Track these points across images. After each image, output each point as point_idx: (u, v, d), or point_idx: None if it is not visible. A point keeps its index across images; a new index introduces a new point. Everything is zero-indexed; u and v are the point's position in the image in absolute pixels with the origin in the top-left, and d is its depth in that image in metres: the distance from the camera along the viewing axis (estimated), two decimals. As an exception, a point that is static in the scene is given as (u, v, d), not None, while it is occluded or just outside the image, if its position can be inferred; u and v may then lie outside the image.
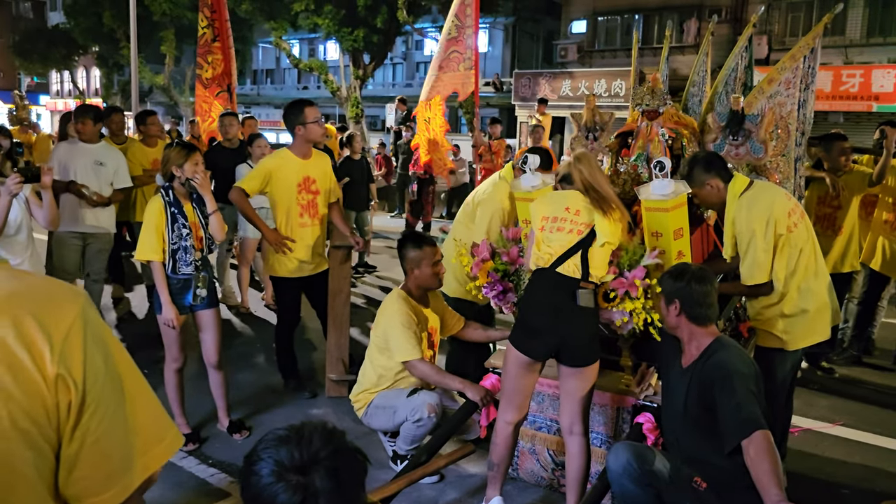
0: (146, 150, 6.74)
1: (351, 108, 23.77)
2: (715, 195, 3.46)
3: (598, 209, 2.97)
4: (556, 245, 3.00)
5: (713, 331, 2.79)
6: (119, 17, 26.92)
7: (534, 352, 3.06)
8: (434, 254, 3.80)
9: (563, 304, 2.97)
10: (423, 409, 3.58)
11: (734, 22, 19.93)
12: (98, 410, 0.88)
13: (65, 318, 0.86)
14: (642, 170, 3.69)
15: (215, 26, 7.23)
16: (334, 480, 1.23)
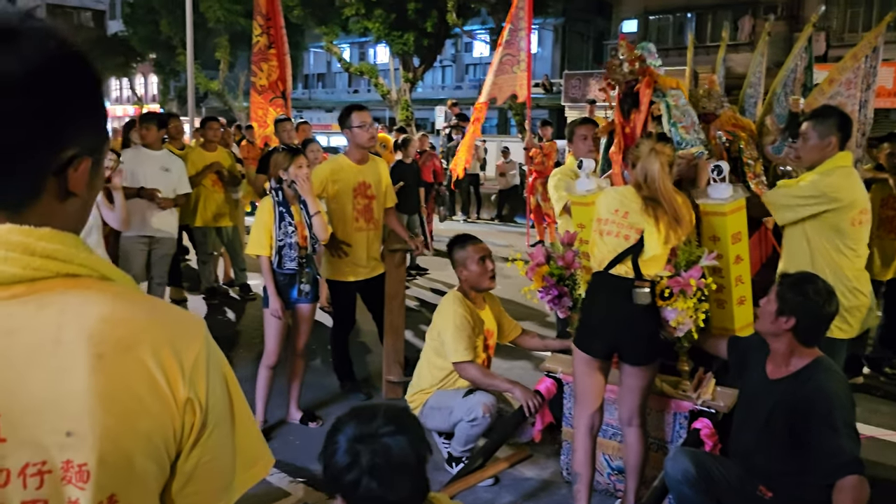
0: (205, 154, 6.97)
1: (401, 111, 23.96)
2: (821, 151, 3.36)
3: (650, 214, 2.94)
4: (606, 249, 3.04)
5: (815, 351, 2.71)
6: (175, 25, 27.64)
7: (596, 351, 3.12)
8: (479, 252, 3.85)
9: (620, 304, 3.01)
10: (478, 409, 3.62)
11: (790, 19, 19.51)
12: (215, 431, 0.94)
13: (193, 345, 0.92)
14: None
15: (270, 33, 7.38)
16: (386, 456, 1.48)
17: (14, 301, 0.84)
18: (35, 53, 0.84)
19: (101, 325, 0.85)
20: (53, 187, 0.88)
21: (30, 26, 0.85)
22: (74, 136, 0.88)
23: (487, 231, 13.06)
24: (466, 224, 13.91)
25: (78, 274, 0.88)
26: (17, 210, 0.86)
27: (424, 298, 7.77)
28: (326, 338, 5.38)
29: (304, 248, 4.20)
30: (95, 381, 0.83)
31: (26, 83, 0.83)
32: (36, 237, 0.85)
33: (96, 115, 0.93)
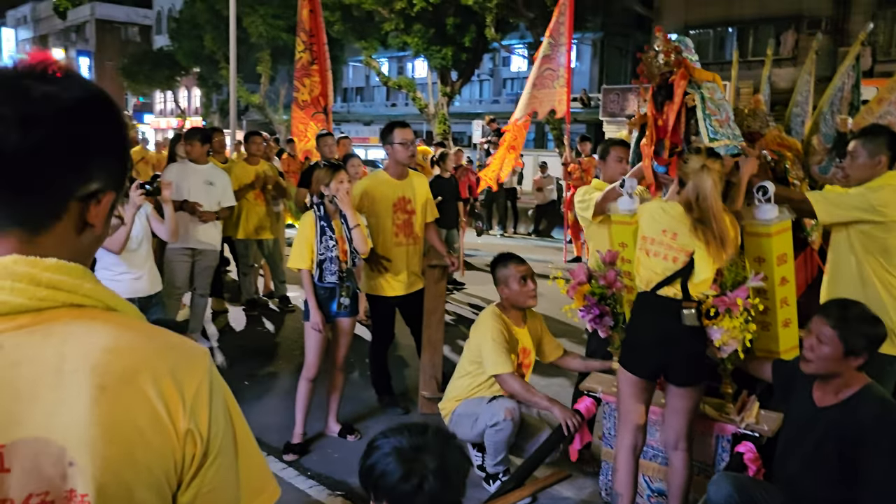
0: (248, 168, 7.11)
1: (438, 125, 24.09)
2: (870, 170, 3.28)
3: (700, 238, 2.89)
4: (653, 270, 3.01)
5: (862, 377, 2.64)
6: (219, 40, 28.18)
7: (643, 371, 3.10)
8: (521, 271, 3.86)
9: (669, 325, 2.99)
10: (500, 413, 3.62)
11: (835, 33, 19.17)
12: (215, 462, 0.94)
13: (195, 375, 0.93)
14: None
15: (313, 50, 7.50)
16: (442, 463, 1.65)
17: (20, 331, 0.85)
18: (77, 89, 0.91)
19: (103, 355, 0.87)
20: (73, 215, 0.92)
21: (69, 68, 0.93)
22: (101, 171, 0.93)
23: (524, 246, 13.05)
24: (503, 238, 13.90)
25: (83, 304, 0.90)
26: (34, 230, 0.89)
27: (462, 314, 7.78)
28: (365, 351, 5.42)
29: (344, 263, 4.26)
30: (97, 411, 0.84)
31: (70, 113, 0.89)
32: (41, 268, 0.87)
33: (121, 155, 0.98)
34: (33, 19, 55.98)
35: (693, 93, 3.33)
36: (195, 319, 6.15)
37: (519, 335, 3.93)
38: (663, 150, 3.45)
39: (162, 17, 47.70)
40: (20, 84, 0.88)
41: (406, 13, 21.46)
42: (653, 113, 3.51)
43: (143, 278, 4.34)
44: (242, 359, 6.04)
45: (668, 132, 3.40)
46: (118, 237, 4.09)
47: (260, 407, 4.98)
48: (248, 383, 5.47)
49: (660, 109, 3.46)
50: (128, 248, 4.22)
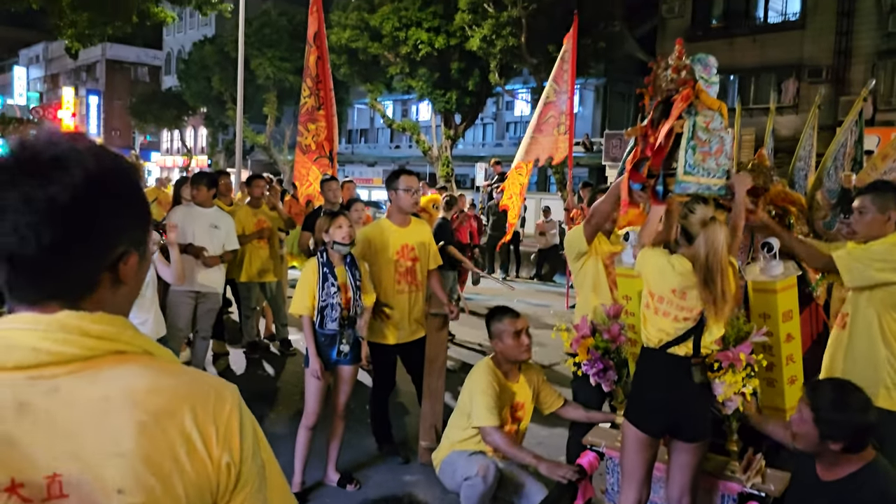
0: (251, 211, 7.16)
1: (441, 167, 24.26)
2: (880, 226, 3.23)
3: (710, 299, 2.83)
4: (662, 329, 2.97)
5: (867, 452, 2.54)
6: (226, 81, 28.62)
7: (652, 429, 3.05)
8: (515, 325, 3.78)
9: (680, 383, 2.96)
10: (473, 468, 3.55)
11: (836, 82, 19.41)
12: (245, 488, 1.05)
13: (226, 409, 1.04)
14: None
15: (320, 95, 7.58)
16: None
17: (73, 376, 0.97)
18: (78, 177, 0.97)
19: (144, 395, 0.98)
20: (107, 280, 1.03)
21: (75, 150, 0.99)
22: (123, 236, 1.04)
23: (526, 290, 13.02)
24: (504, 283, 13.87)
25: (125, 350, 1.00)
26: (73, 302, 1.00)
27: (465, 360, 7.73)
28: (365, 398, 5.37)
29: (346, 310, 4.25)
30: (140, 444, 0.95)
31: (86, 198, 0.97)
32: (90, 321, 0.98)
33: (141, 215, 1.09)
34: (45, 58, 56.86)
35: (685, 119, 3.20)
36: (196, 361, 6.11)
37: (513, 389, 3.86)
38: (643, 167, 3.33)
39: (171, 58, 48.45)
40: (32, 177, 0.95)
41: (411, 58, 21.78)
42: (648, 128, 3.39)
43: (148, 322, 4.32)
44: (242, 403, 5.98)
45: (653, 151, 3.28)
46: None
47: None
48: (247, 429, 5.40)
49: (655, 126, 3.35)
50: (134, 292, 4.22)
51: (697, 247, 2.86)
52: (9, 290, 1.00)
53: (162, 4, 16.00)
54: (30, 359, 0.95)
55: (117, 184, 1.02)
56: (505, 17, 19.45)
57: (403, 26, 21.39)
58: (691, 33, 22.22)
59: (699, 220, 2.88)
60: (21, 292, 1.00)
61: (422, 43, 21.15)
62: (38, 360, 0.95)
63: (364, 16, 22.42)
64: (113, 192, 1.01)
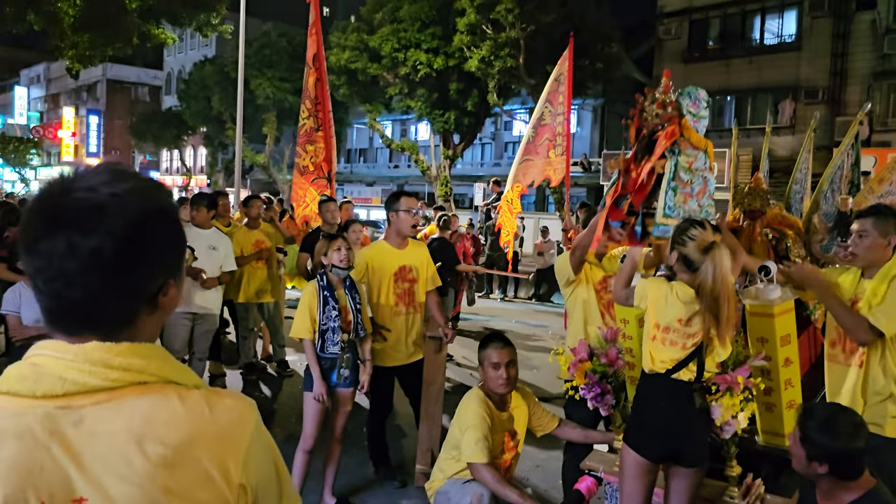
0: (249, 232, 7.16)
1: (440, 187, 24.33)
2: (881, 251, 3.19)
3: (713, 323, 2.79)
4: (667, 357, 2.92)
5: (867, 481, 2.48)
6: (226, 101, 28.78)
7: (654, 454, 3.01)
8: (499, 356, 3.65)
9: (683, 408, 2.92)
10: (466, 497, 3.50)
11: (831, 103, 19.54)
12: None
13: (246, 434, 1.07)
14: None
15: (319, 117, 7.61)
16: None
17: (96, 406, 1.00)
18: (119, 225, 1.01)
19: (163, 428, 1.01)
20: (145, 312, 1.07)
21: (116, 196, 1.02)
22: (163, 270, 1.08)
23: (524, 311, 13.00)
24: (503, 303, 13.86)
25: (148, 381, 1.03)
26: (110, 334, 1.04)
27: (464, 382, 7.69)
28: (363, 420, 5.33)
29: (346, 333, 4.23)
30: (159, 476, 0.98)
31: (120, 253, 1.01)
32: (115, 353, 1.02)
33: (177, 247, 1.14)
34: (46, 78, 57.16)
35: (667, 158, 3.11)
36: (192, 384, 6.07)
37: (504, 418, 3.77)
38: (623, 203, 3.26)
39: (172, 78, 48.71)
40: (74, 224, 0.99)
41: (410, 78, 21.93)
42: (631, 162, 3.29)
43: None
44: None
45: (634, 188, 3.19)
46: None
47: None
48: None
49: (638, 161, 3.25)
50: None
51: (704, 274, 2.80)
52: (49, 320, 1.05)
53: (163, 26, 16.14)
54: (57, 388, 0.99)
55: (158, 225, 1.07)
56: (503, 38, 19.61)
57: (402, 47, 21.56)
58: (688, 55, 22.41)
59: (699, 245, 2.83)
60: (61, 324, 1.04)
61: (420, 64, 21.30)
62: (64, 389, 0.99)
63: (363, 37, 22.61)
64: (154, 235, 1.05)
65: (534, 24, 19.28)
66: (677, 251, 2.91)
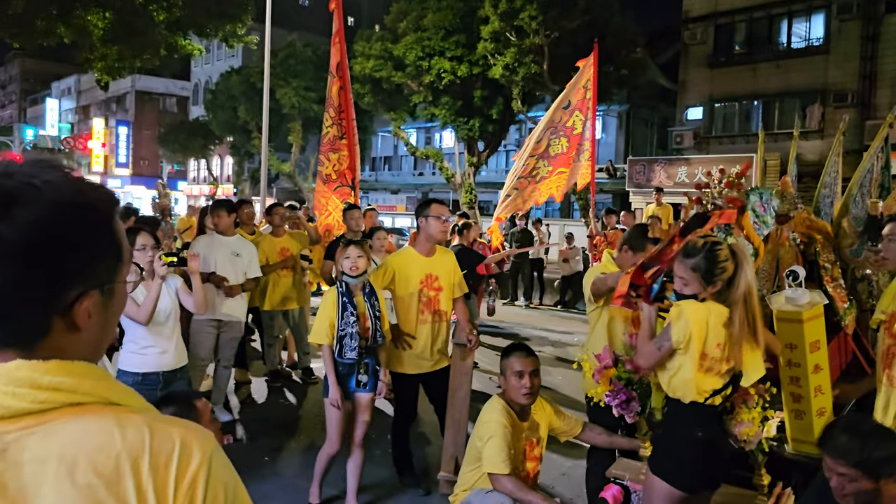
0: (274, 241, 7.19)
1: (465, 194, 24.34)
2: None
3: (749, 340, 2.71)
4: (708, 385, 2.81)
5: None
6: (252, 111, 29.09)
7: (689, 486, 2.87)
8: (522, 365, 3.63)
9: (716, 436, 2.87)
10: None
11: (861, 106, 19.25)
12: None
13: (191, 463, 0.94)
14: None
15: (343, 125, 7.64)
16: None
17: (23, 433, 0.89)
18: (29, 215, 0.90)
19: (95, 454, 0.90)
20: (60, 325, 0.95)
21: (30, 186, 0.92)
22: (79, 277, 0.95)
23: (549, 318, 12.93)
24: (528, 310, 13.80)
25: (83, 402, 0.92)
26: (27, 348, 0.93)
27: (488, 392, 7.66)
28: (387, 427, 5.33)
29: (364, 340, 4.27)
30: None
31: (26, 245, 0.90)
32: (42, 371, 0.91)
33: (104, 250, 0.99)
34: (77, 90, 58.25)
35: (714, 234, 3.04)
36: (218, 391, 6.12)
37: (526, 427, 3.75)
38: (650, 269, 3.12)
39: (199, 88, 49.35)
40: None
41: (434, 86, 22.00)
42: (677, 234, 3.21)
43: (169, 352, 4.32)
44: (264, 432, 5.98)
45: (668, 259, 3.08)
46: (144, 309, 4.10)
47: (280, 484, 4.90)
48: (268, 459, 5.40)
49: (684, 235, 3.15)
50: (155, 321, 4.22)
51: (741, 289, 2.72)
52: None
53: (189, 38, 16.36)
54: None
55: (77, 224, 0.95)
56: (527, 44, 19.61)
57: (427, 55, 21.64)
58: (713, 59, 22.23)
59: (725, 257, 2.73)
60: None
61: (445, 72, 21.36)
62: None
63: (388, 46, 22.73)
64: (70, 232, 0.94)
65: (558, 30, 19.26)
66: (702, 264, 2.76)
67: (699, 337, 2.72)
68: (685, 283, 2.79)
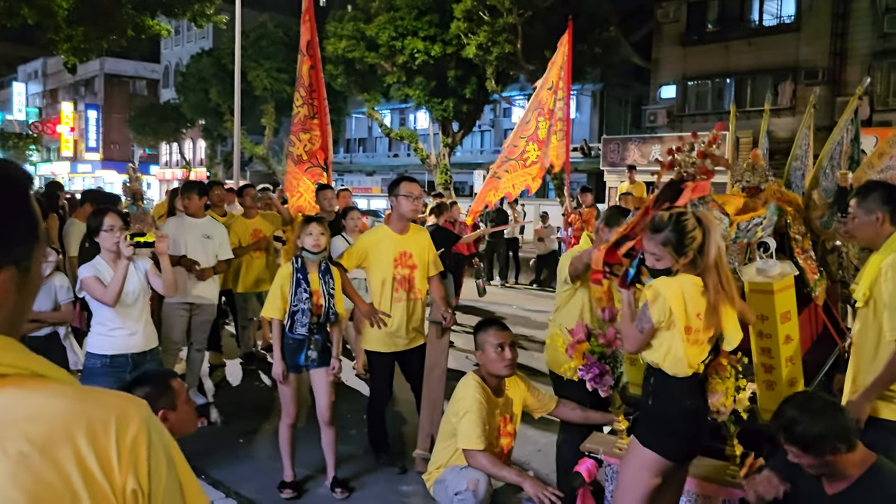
0: (246, 222, 7.11)
1: (440, 175, 24.29)
2: (872, 229, 3.13)
3: (725, 299, 2.72)
4: (697, 360, 2.80)
5: (867, 454, 2.48)
6: (224, 93, 28.71)
7: (678, 455, 2.88)
8: (499, 338, 3.67)
9: (701, 405, 2.87)
10: (463, 483, 3.47)
11: (832, 83, 19.43)
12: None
13: (130, 428, 0.93)
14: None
15: (314, 105, 7.53)
16: None
17: None
18: None
19: (26, 424, 0.88)
20: None
21: None
22: None
23: (524, 297, 12.97)
24: (504, 289, 13.83)
25: (6, 374, 0.90)
26: None
27: (464, 369, 7.66)
28: (363, 407, 5.31)
29: (316, 316, 4.28)
30: (21, 479, 0.85)
31: None
32: None
33: (20, 226, 0.98)
34: (44, 74, 56.99)
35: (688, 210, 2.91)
36: (191, 374, 6.06)
37: (501, 403, 3.77)
38: (623, 245, 3.05)
39: (169, 71, 48.58)
40: None
41: (408, 66, 21.85)
42: (650, 205, 3.12)
43: (138, 334, 4.26)
44: (239, 415, 5.94)
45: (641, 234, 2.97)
46: (111, 290, 4.02)
47: (255, 466, 4.87)
48: (243, 441, 5.36)
49: (657, 206, 3.08)
50: (123, 302, 4.14)
51: (711, 255, 2.71)
52: None
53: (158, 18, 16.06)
54: None
55: None
56: (500, 24, 19.50)
57: (399, 36, 21.46)
58: (686, 38, 22.27)
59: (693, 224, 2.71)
60: None
61: (418, 52, 21.21)
62: None
63: (360, 26, 22.51)
64: None
65: (531, 9, 19.18)
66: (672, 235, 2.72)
67: (680, 311, 2.70)
68: (657, 259, 2.77)
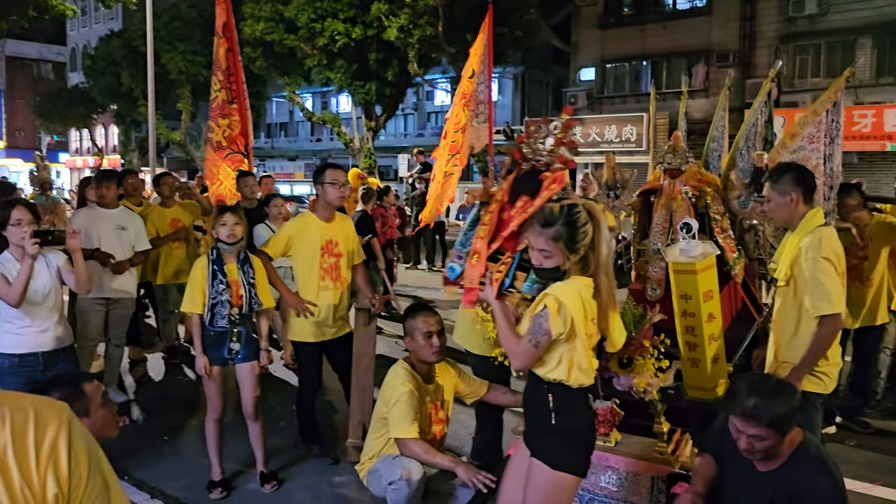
0: (164, 211, 6.85)
1: (364, 159, 24.04)
2: (787, 209, 3.23)
3: (611, 304, 2.58)
4: (590, 367, 2.61)
5: (794, 433, 2.55)
6: (137, 77, 27.61)
7: (587, 468, 2.76)
8: (428, 325, 3.65)
9: (591, 410, 2.77)
10: (396, 472, 3.47)
11: (742, 66, 20.08)
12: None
13: (48, 431, 0.93)
14: None
15: (232, 89, 7.29)
16: None
17: None
18: None
19: None
20: None
21: None
22: None
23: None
24: (431, 273, 13.83)
25: None
26: None
27: (393, 356, 7.63)
28: (292, 398, 5.22)
29: (236, 307, 4.18)
30: None
31: None
32: None
33: None
34: (-63, 56, 53.55)
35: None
36: (110, 371, 5.83)
37: (432, 389, 3.77)
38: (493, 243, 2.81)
39: (77, 53, 46.37)
40: None
41: (328, 49, 21.45)
42: (503, 201, 2.86)
43: (49, 331, 4.05)
44: (162, 411, 5.75)
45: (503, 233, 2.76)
46: (14, 289, 3.80)
47: (181, 463, 4.73)
48: (167, 438, 5.20)
49: (513, 201, 2.81)
50: (31, 300, 3.93)
51: (603, 252, 2.52)
52: None
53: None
54: None
55: None
56: (421, 6, 19.36)
57: (319, 17, 21.03)
58: (604, 21, 22.62)
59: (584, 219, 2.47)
60: None
61: (338, 34, 20.84)
62: None
63: (278, 7, 21.94)
64: None
65: (452, -9, 19.11)
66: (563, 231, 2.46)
67: (581, 320, 2.47)
68: (546, 256, 2.48)
